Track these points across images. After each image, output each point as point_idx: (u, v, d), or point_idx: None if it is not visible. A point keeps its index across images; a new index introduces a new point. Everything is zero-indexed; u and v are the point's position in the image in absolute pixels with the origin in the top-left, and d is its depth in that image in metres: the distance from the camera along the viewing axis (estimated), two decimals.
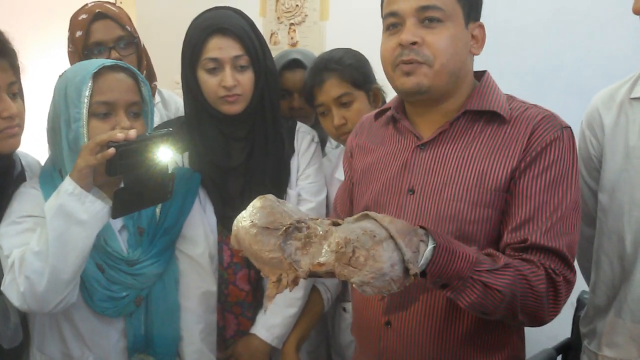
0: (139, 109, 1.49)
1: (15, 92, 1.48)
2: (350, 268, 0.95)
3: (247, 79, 1.63)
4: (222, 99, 1.62)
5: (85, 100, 1.40)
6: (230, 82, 1.60)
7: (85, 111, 1.40)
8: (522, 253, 1.17)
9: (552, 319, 1.19)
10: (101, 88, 1.42)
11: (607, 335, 1.43)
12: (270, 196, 1.08)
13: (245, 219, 1.05)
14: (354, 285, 0.96)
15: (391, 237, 0.98)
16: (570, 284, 1.18)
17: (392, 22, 1.25)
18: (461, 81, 1.26)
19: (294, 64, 1.99)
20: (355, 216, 1.04)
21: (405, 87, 1.24)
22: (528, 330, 1.35)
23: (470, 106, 1.25)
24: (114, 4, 2.02)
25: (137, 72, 1.50)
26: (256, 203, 1.06)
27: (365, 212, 1.03)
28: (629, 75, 1.42)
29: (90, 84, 1.40)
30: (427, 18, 1.20)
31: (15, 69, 1.47)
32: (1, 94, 1.43)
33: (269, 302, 1.02)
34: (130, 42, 1.96)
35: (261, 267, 1.03)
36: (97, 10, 1.91)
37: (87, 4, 1.98)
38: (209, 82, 1.62)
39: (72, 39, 1.94)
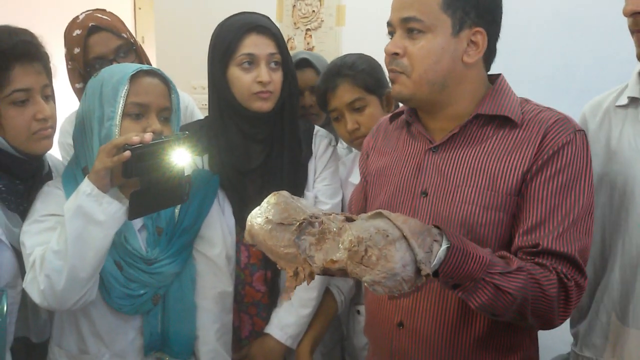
0: (168, 115, 1.53)
1: (49, 95, 1.52)
2: (362, 267, 0.96)
3: (278, 77, 1.67)
4: (256, 94, 1.64)
5: (121, 100, 1.44)
6: (267, 78, 1.63)
7: (120, 110, 1.44)
8: (534, 257, 1.17)
9: (561, 323, 1.20)
10: (137, 90, 1.46)
11: (586, 336, 1.43)
12: (285, 192, 1.09)
13: (260, 215, 1.06)
14: (365, 284, 0.97)
15: (404, 237, 0.98)
16: (581, 288, 1.18)
17: (389, 31, 1.29)
18: (452, 89, 1.26)
19: (303, 63, 2.06)
20: (369, 214, 1.04)
21: (392, 96, 1.30)
22: (543, 336, 1.34)
23: (482, 110, 1.26)
24: (104, 12, 2.00)
25: (170, 79, 1.54)
26: (270, 199, 1.07)
27: (379, 210, 1.04)
28: (618, 86, 1.44)
29: (127, 85, 1.45)
30: (409, 29, 1.23)
31: (48, 72, 1.52)
32: (36, 96, 1.47)
33: (291, 294, 1.03)
34: (130, 49, 1.95)
35: (277, 261, 1.04)
36: (90, 24, 1.89)
37: (77, 17, 1.95)
38: (243, 78, 1.65)
39: (70, 56, 1.93)
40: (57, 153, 1.86)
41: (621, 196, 1.33)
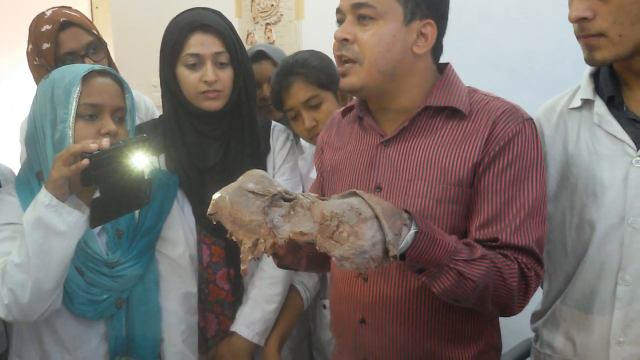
0: (123, 115, 1.50)
1: None
2: (332, 241, 0.97)
3: (227, 75, 1.65)
4: (203, 94, 1.63)
5: (74, 102, 1.40)
6: (212, 77, 1.61)
7: (73, 112, 1.40)
8: (494, 250, 1.18)
9: (520, 310, 1.22)
10: (89, 91, 1.42)
11: (547, 334, 1.43)
12: (262, 170, 1.08)
13: (232, 185, 1.04)
14: (333, 259, 0.98)
15: (376, 216, 0.99)
16: (539, 278, 1.21)
17: (338, 19, 1.28)
18: (401, 80, 1.25)
19: (259, 56, 2.06)
20: (342, 193, 1.05)
21: (342, 88, 1.28)
22: (509, 321, 1.35)
23: (430, 102, 1.25)
24: (71, 8, 1.95)
25: (123, 79, 1.51)
26: (247, 172, 1.06)
27: (354, 190, 1.05)
28: (570, 88, 1.43)
29: (79, 86, 1.41)
30: (360, 15, 1.22)
31: None
32: None
33: (244, 266, 1.01)
34: (99, 45, 1.91)
35: (235, 231, 1.02)
36: (61, 20, 1.84)
37: (44, 13, 1.89)
38: (189, 77, 1.63)
39: (37, 52, 1.86)
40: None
41: (583, 199, 1.31)
